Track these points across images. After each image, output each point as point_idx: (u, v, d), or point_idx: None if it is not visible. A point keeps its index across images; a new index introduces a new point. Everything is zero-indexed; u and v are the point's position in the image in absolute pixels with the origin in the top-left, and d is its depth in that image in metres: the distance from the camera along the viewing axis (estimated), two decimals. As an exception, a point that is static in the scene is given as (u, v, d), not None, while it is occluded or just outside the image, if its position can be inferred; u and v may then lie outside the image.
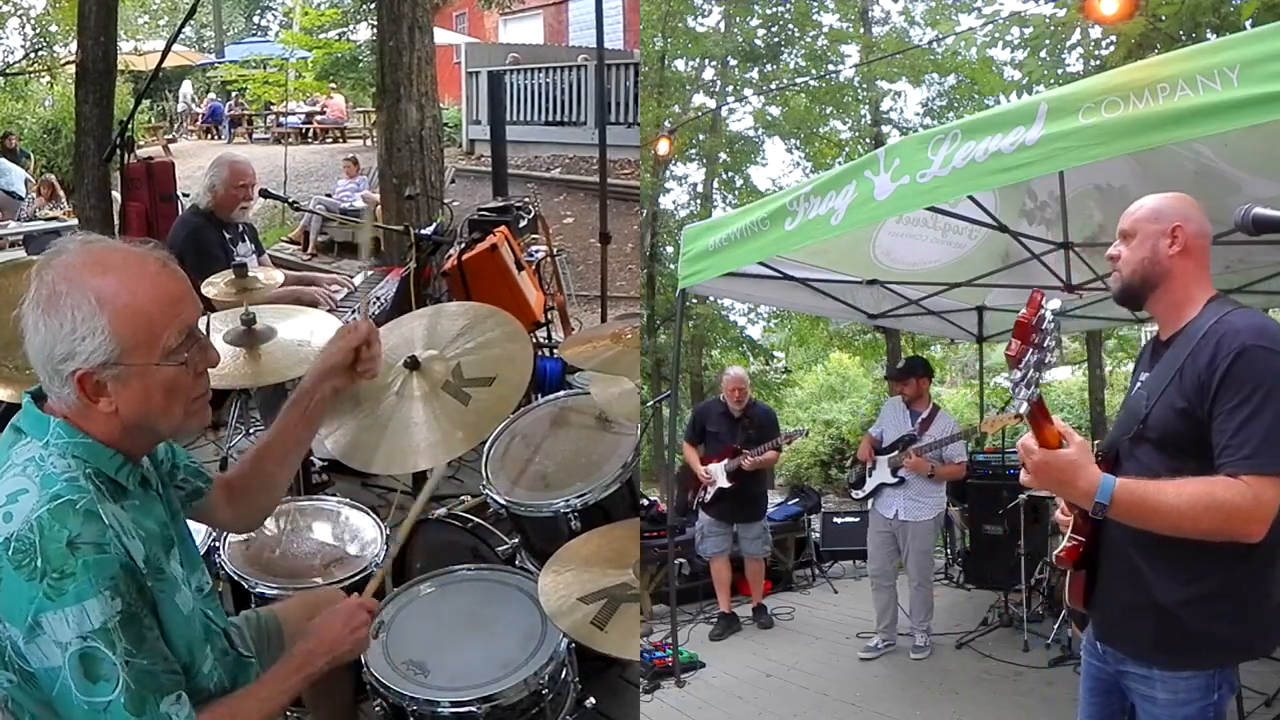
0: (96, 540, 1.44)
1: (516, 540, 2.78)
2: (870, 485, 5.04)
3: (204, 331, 1.66)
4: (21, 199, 10.31)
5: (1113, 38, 7.70)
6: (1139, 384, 1.95)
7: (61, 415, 1.55)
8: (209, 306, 3.42)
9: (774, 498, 6.87)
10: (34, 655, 1.41)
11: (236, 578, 2.58)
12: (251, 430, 4.75)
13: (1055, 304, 1.61)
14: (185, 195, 7.01)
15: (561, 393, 3.45)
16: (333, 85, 16.54)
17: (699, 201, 14.09)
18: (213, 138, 17.95)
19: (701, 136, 13.39)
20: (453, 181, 10.42)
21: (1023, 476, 1.77)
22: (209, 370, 1.67)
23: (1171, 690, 1.81)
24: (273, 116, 17.10)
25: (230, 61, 18.13)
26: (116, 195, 6.99)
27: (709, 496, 5.55)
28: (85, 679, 1.40)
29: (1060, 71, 8.74)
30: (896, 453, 4.92)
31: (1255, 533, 1.65)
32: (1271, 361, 1.69)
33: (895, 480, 4.92)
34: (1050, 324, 1.58)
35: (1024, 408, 1.61)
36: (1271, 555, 1.75)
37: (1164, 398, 1.81)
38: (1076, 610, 2.04)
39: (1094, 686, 2.04)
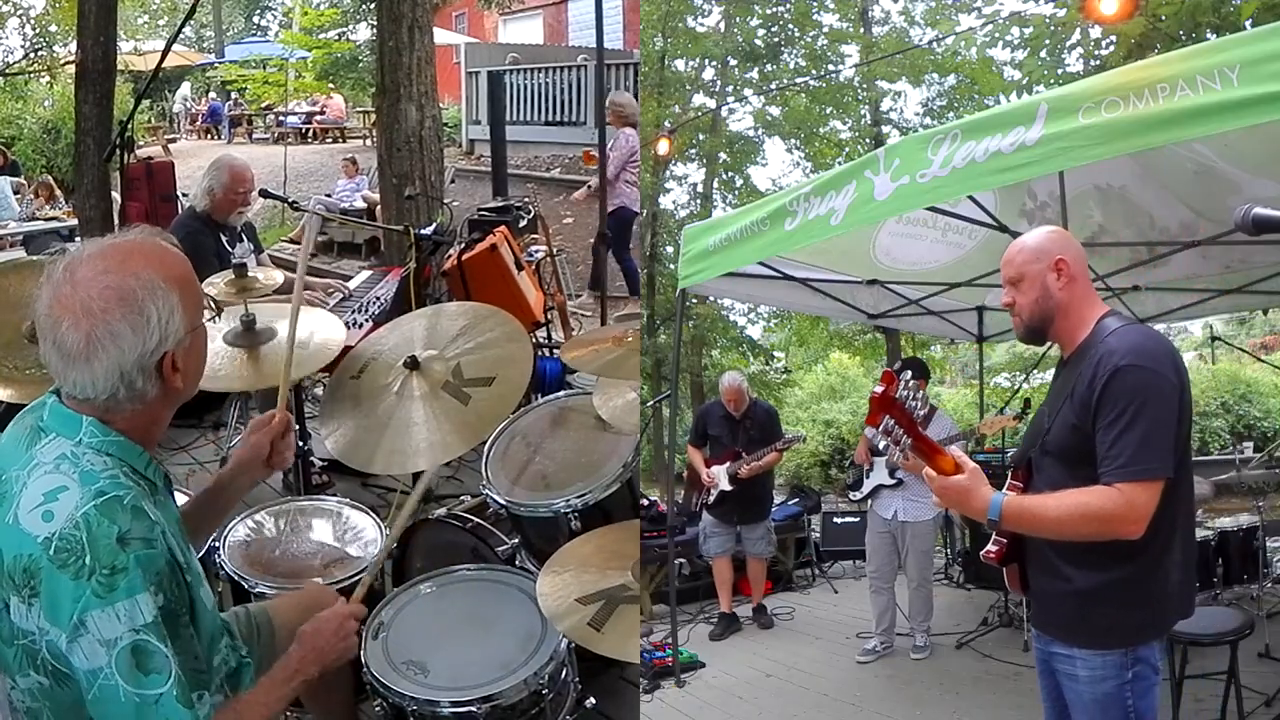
0: (146, 536, 1.44)
1: (516, 540, 2.78)
2: (868, 486, 5.03)
3: None
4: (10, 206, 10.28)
5: (1113, 38, 7.70)
6: (1045, 401, 2.16)
7: (97, 415, 1.54)
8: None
9: (774, 498, 6.87)
10: (76, 656, 1.40)
11: (236, 578, 2.58)
12: (251, 430, 4.75)
13: (907, 374, 1.88)
14: (185, 195, 7.01)
15: (561, 393, 3.45)
16: (332, 85, 16.54)
17: (699, 201, 14.09)
18: (212, 138, 17.95)
19: (701, 136, 13.39)
20: (452, 181, 10.42)
21: (933, 499, 2.06)
22: (206, 375, 1.75)
23: (1090, 668, 1.98)
24: (272, 116, 17.10)
25: (230, 61, 18.12)
26: (116, 195, 6.98)
27: (712, 498, 5.56)
28: (136, 671, 1.40)
29: (1060, 71, 8.74)
30: None
31: (1132, 532, 1.84)
32: (1141, 378, 1.87)
33: (893, 481, 4.91)
34: (905, 392, 1.83)
35: (899, 458, 1.93)
36: (1166, 546, 1.93)
37: (1060, 415, 2.01)
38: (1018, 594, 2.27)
39: (1044, 669, 2.18)
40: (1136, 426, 1.84)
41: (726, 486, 5.47)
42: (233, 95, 18.18)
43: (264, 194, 4.74)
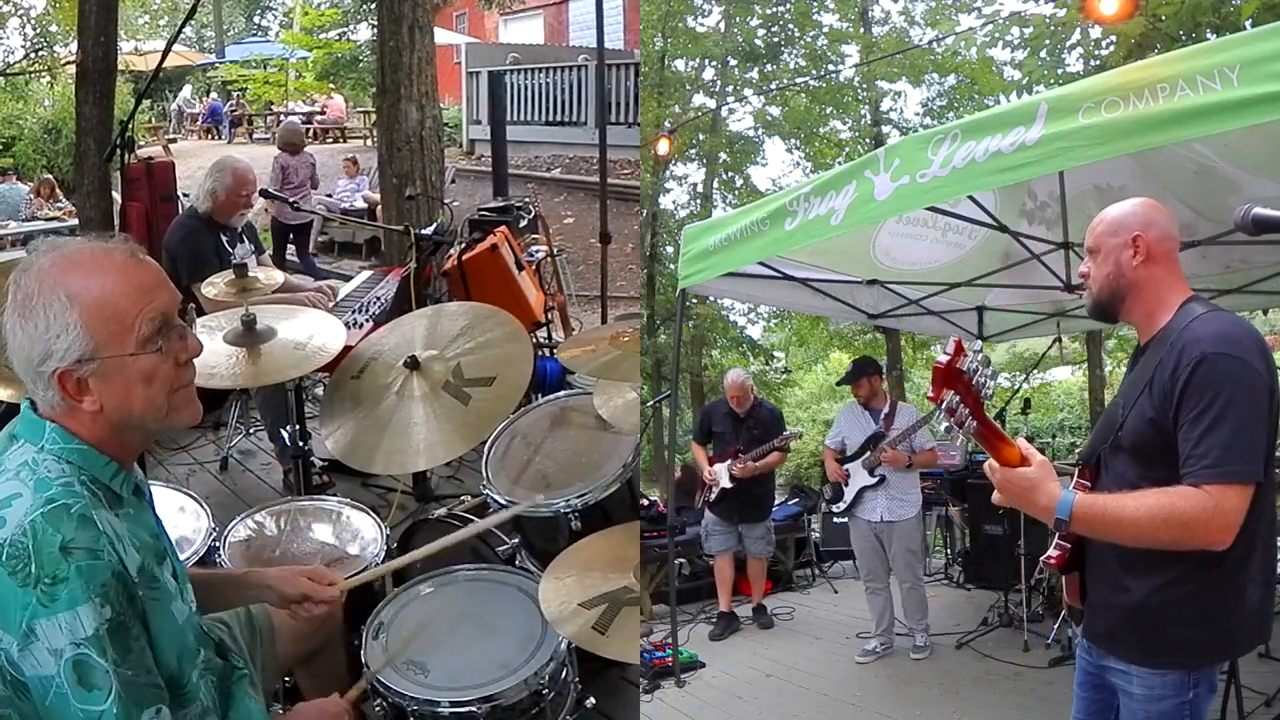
0: (90, 546, 1.43)
1: (516, 540, 2.78)
2: (850, 493, 5.00)
3: (184, 322, 1.64)
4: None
5: (1113, 38, 7.71)
6: (1119, 391, 1.98)
7: (55, 420, 1.54)
8: (200, 309, 3.42)
9: (775, 497, 6.87)
10: (28, 663, 1.39)
11: (237, 578, 2.58)
12: (252, 430, 4.75)
13: (977, 344, 1.65)
14: (185, 195, 7.01)
15: (561, 393, 3.45)
16: (332, 85, 16.56)
17: (699, 201, 14.10)
18: (213, 138, 17.96)
19: (701, 136, 13.40)
20: (453, 181, 10.42)
21: (994, 496, 1.82)
22: (198, 366, 1.67)
23: (1147, 686, 1.84)
24: (273, 116, 17.12)
25: (231, 61, 18.17)
26: (117, 195, 6.99)
27: (714, 496, 5.57)
28: (80, 686, 1.39)
29: (1060, 71, 8.76)
30: (869, 453, 4.91)
31: (1220, 541, 1.66)
32: (1231, 368, 1.70)
33: (875, 480, 4.90)
34: (974, 364, 1.59)
35: (965, 441, 1.66)
36: (1245, 559, 1.76)
37: (1137, 407, 1.83)
38: (1076, 609, 2.06)
39: (1085, 681, 2.06)
40: (1225, 422, 1.66)
41: (727, 484, 5.48)
42: (233, 95, 18.20)
43: (264, 194, 4.74)
